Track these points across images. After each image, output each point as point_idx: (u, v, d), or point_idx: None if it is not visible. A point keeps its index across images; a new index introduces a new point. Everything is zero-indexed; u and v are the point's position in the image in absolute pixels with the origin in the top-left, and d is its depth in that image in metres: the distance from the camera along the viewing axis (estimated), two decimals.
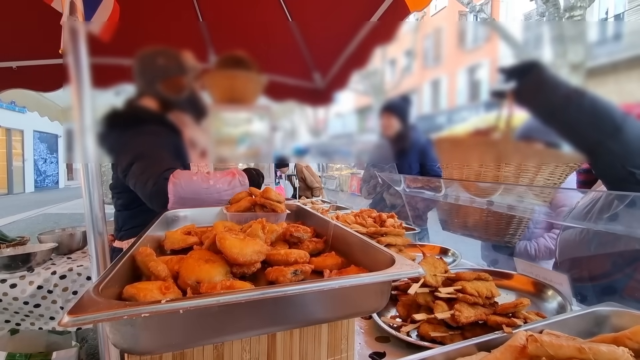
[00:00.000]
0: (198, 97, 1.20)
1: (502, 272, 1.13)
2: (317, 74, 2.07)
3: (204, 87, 1.19)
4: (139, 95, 1.20)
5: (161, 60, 1.21)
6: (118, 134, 1.15)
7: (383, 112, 1.96)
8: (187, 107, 1.22)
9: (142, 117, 1.20)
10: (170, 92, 1.21)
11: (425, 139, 2.10)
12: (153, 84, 1.20)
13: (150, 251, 0.59)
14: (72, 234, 2.04)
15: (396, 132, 2.04)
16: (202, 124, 1.20)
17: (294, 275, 0.56)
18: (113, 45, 1.21)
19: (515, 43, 1.07)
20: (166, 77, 1.21)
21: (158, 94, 1.21)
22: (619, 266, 1.11)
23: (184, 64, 1.19)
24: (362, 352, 0.74)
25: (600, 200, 1.00)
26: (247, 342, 0.53)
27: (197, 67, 1.20)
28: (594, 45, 1.07)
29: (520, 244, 1.69)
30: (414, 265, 0.54)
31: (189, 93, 1.21)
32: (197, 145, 1.25)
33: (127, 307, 0.39)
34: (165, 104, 1.22)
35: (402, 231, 1.25)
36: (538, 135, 1.02)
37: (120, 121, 1.14)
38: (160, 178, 1.10)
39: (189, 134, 1.24)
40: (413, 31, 1.66)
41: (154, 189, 1.11)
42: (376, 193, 2.45)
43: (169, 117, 1.23)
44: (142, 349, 0.44)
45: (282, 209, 1.00)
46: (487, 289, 0.82)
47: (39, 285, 1.65)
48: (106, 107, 1.07)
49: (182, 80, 1.20)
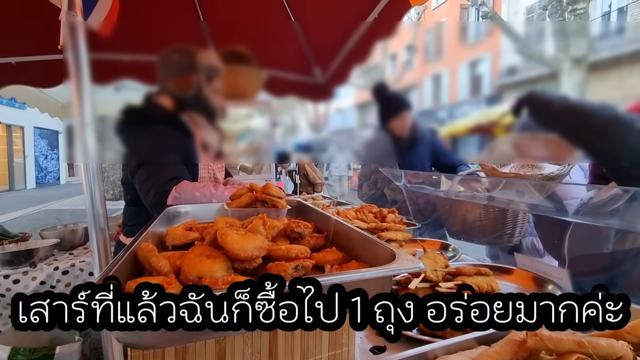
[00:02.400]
0: (211, 98, 1.18)
1: (502, 267, 1.13)
2: (317, 69, 2.06)
3: (218, 90, 1.16)
4: (157, 93, 1.17)
5: (175, 57, 1.18)
6: (130, 131, 1.12)
7: (402, 112, 1.82)
8: (201, 107, 1.19)
9: (155, 116, 1.18)
10: (181, 90, 1.17)
11: (430, 132, 2.02)
12: (166, 80, 1.17)
13: (152, 247, 0.59)
14: (74, 230, 2.05)
15: (409, 132, 1.94)
16: (215, 126, 1.18)
17: (295, 271, 0.57)
18: (112, 44, 1.20)
19: (517, 37, 1.06)
20: (178, 75, 1.18)
21: (171, 92, 1.17)
22: (619, 261, 1.11)
23: (197, 62, 1.16)
24: (363, 346, 0.75)
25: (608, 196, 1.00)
26: (248, 337, 0.54)
27: (211, 66, 1.17)
28: (597, 39, 1.06)
29: (526, 239, 1.67)
30: (415, 261, 0.54)
31: (200, 93, 1.17)
32: (211, 147, 1.22)
33: None
34: (178, 103, 1.18)
35: (402, 227, 1.25)
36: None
37: (133, 118, 1.10)
38: (161, 190, 1.10)
39: (202, 135, 1.22)
40: (414, 25, 1.65)
41: (154, 200, 1.11)
42: (377, 189, 2.44)
43: (183, 117, 1.20)
44: (144, 343, 0.44)
45: (283, 205, 1.01)
46: (488, 284, 0.83)
47: (41, 281, 1.66)
48: (118, 102, 1.04)
49: (192, 78, 1.16)
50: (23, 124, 15.44)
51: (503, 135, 1.09)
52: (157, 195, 1.11)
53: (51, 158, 18.08)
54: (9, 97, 3.10)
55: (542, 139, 1.03)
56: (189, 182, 1.15)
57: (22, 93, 3.10)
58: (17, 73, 2.36)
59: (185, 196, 1.10)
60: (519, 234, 1.52)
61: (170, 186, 1.10)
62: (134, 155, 1.19)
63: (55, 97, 3.49)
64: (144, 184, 1.16)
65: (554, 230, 1.29)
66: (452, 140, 1.41)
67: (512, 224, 1.48)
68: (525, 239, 1.67)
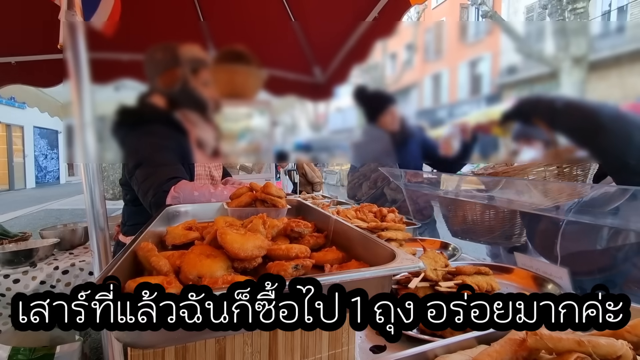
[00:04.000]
0: (199, 89, 1.18)
1: (502, 266, 1.13)
2: (317, 68, 2.06)
3: (206, 82, 1.16)
4: (148, 93, 1.18)
5: (159, 54, 1.19)
6: (126, 132, 1.14)
7: (388, 106, 1.86)
8: (190, 101, 1.19)
9: (149, 115, 1.18)
10: (168, 86, 1.18)
11: (418, 128, 2.04)
12: (154, 79, 1.18)
13: (152, 246, 0.59)
14: (74, 230, 2.05)
15: (399, 125, 1.98)
16: (209, 121, 1.18)
17: (295, 270, 0.57)
18: (112, 43, 1.20)
19: (517, 36, 1.06)
20: (163, 71, 1.18)
21: (160, 90, 1.18)
22: (618, 259, 1.11)
23: (179, 55, 1.16)
24: (363, 346, 0.75)
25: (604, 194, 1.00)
26: (248, 336, 0.54)
27: (195, 58, 1.17)
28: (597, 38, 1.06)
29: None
30: (415, 260, 0.54)
31: (187, 85, 1.18)
32: (207, 145, 1.22)
33: None
34: (169, 101, 1.19)
35: (402, 226, 1.25)
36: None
37: (128, 119, 1.11)
38: (160, 190, 1.10)
39: (197, 133, 1.22)
40: (414, 25, 1.65)
41: (153, 200, 1.12)
42: (377, 188, 2.44)
43: (177, 116, 1.20)
44: (145, 342, 0.44)
45: (283, 204, 1.01)
46: (487, 283, 0.83)
47: (41, 281, 1.66)
48: (115, 103, 1.05)
49: (177, 72, 1.16)
50: (23, 124, 15.43)
51: (503, 135, 1.09)
52: (156, 195, 1.11)
53: (51, 157, 18.07)
54: (8, 96, 3.10)
55: (543, 141, 1.04)
56: (187, 182, 1.15)
57: (21, 92, 3.09)
58: (17, 72, 2.36)
59: (184, 196, 1.10)
60: (524, 234, 1.51)
61: (168, 186, 1.10)
62: (131, 156, 1.19)
63: (54, 97, 3.49)
64: (142, 185, 1.16)
65: (546, 229, 1.29)
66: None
67: (519, 224, 1.47)
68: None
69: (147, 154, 1.18)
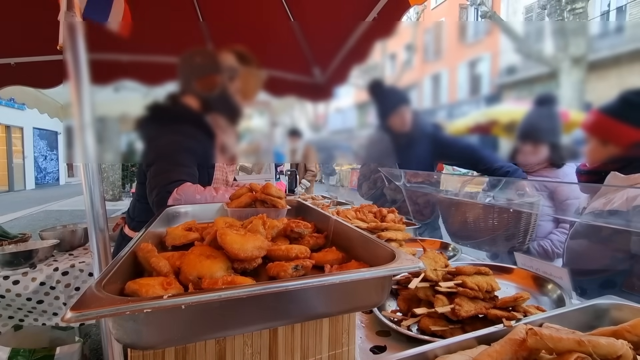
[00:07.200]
0: (234, 97, 1.22)
1: (502, 266, 1.13)
2: (316, 69, 2.06)
3: (238, 90, 1.21)
4: (180, 93, 1.22)
5: (198, 59, 1.23)
6: (154, 127, 1.17)
7: (400, 107, 1.82)
8: (225, 107, 1.24)
9: (182, 115, 1.22)
10: (205, 90, 1.22)
11: (431, 126, 1.98)
12: (190, 81, 1.22)
13: (152, 247, 0.59)
14: (74, 231, 2.05)
15: (410, 125, 1.91)
16: (234, 127, 1.22)
17: (295, 271, 0.57)
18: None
19: (516, 36, 1.06)
20: (203, 75, 1.22)
21: (196, 93, 1.22)
22: (618, 260, 1.11)
23: (220, 63, 1.21)
24: (363, 346, 0.75)
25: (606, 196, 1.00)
26: (249, 337, 0.54)
27: (232, 67, 1.21)
28: (596, 38, 1.06)
29: (533, 243, 1.64)
30: (415, 260, 0.54)
31: (225, 92, 1.22)
32: (229, 149, 1.27)
33: (129, 303, 0.39)
34: (205, 104, 1.23)
35: (402, 226, 1.25)
36: None
37: (158, 113, 1.16)
38: (164, 190, 1.12)
39: (222, 138, 1.26)
40: (413, 25, 1.65)
41: (156, 199, 1.13)
42: (377, 188, 2.44)
43: (208, 119, 1.24)
44: (144, 343, 0.44)
45: (283, 205, 1.00)
46: (487, 283, 0.83)
47: (41, 282, 1.66)
48: (147, 100, 1.11)
49: (217, 78, 1.21)
50: (22, 125, 15.41)
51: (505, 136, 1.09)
52: (160, 195, 1.12)
53: (50, 159, 18.05)
54: (8, 97, 3.10)
55: None
56: (190, 185, 1.15)
57: (21, 93, 3.09)
58: (17, 73, 2.36)
59: (186, 198, 1.10)
60: (529, 239, 1.49)
61: (173, 187, 1.11)
62: (152, 151, 1.21)
63: (54, 98, 3.48)
64: (151, 181, 1.18)
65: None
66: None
67: (524, 228, 1.46)
68: (533, 242, 1.63)
69: (169, 150, 1.20)
